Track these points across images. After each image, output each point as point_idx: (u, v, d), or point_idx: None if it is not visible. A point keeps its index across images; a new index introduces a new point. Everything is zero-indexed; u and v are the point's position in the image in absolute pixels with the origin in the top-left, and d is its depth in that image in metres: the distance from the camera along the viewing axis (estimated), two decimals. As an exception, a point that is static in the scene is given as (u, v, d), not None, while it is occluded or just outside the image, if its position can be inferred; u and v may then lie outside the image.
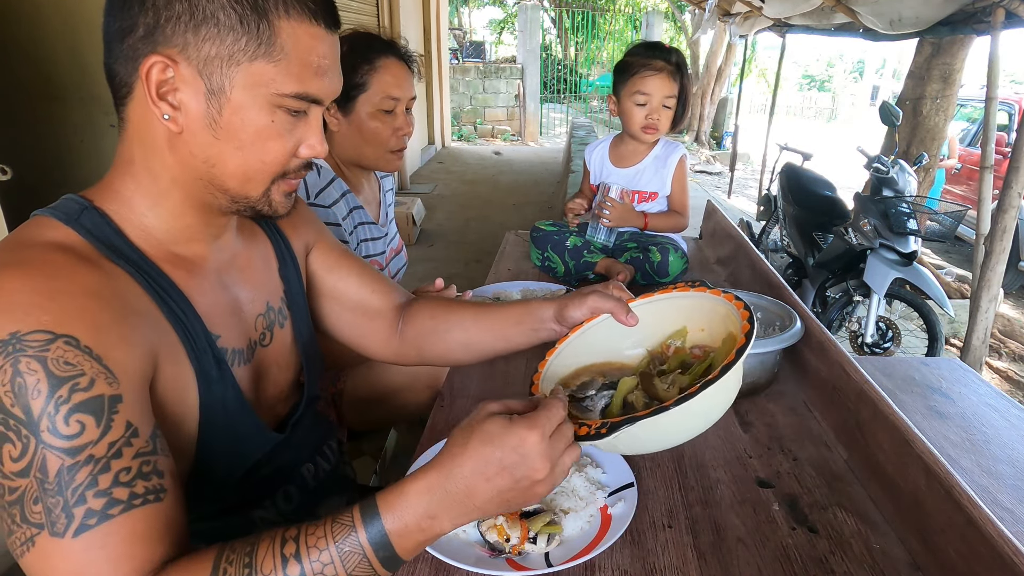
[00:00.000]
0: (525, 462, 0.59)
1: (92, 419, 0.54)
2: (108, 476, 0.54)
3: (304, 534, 0.57)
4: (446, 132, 10.03)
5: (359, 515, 0.57)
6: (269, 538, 0.57)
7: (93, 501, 0.53)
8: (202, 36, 0.61)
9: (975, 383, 1.31)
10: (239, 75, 0.62)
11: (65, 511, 0.52)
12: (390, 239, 1.59)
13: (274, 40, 0.63)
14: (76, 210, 0.65)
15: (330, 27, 0.68)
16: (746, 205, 7.60)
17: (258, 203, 0.70)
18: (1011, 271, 4.89)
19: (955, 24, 3.42)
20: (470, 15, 19.66)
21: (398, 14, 6.75)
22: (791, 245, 3.89)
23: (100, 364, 0.55)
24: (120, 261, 0.64)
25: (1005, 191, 2.87)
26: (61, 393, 0.53)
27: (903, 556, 0.78)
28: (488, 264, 1.97)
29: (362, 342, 0.98)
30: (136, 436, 0.56)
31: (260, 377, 0.81)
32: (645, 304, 0.88)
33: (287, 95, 0.65)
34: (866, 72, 25.54)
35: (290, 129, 0.67)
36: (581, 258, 1.71)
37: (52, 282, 0.56)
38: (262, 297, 0.82)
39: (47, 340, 0.53)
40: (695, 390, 0.64)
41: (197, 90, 0.62)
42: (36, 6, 3.35)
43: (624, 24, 15.09)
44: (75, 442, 0.53)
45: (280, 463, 0.83)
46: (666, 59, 1.67)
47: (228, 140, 0.65)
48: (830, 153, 9.35)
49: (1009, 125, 6.10)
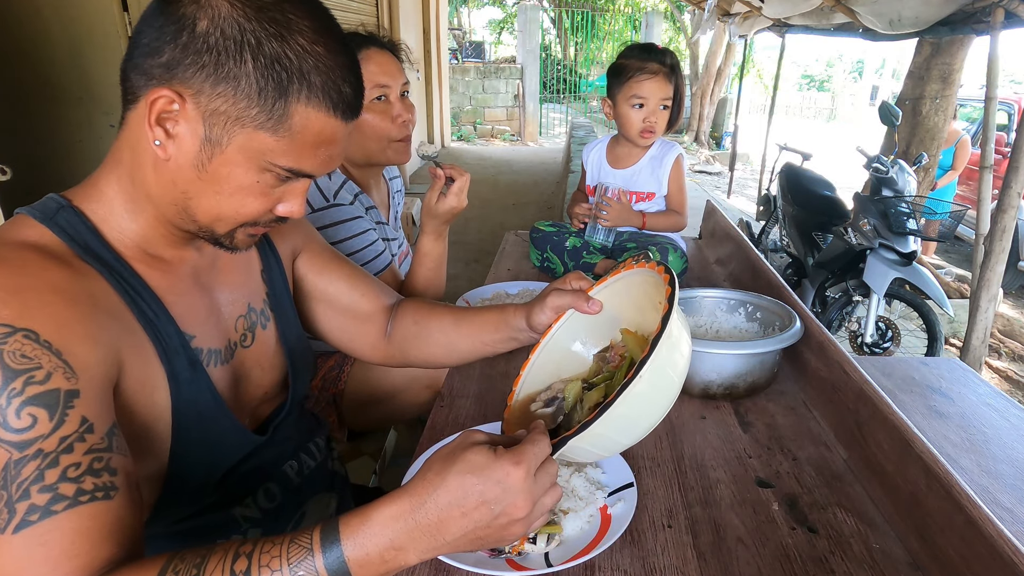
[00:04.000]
0: (506, 498, 0.56)
1: (45, 412, 0.53)
2: (55, 471, 0.52)
3: (259, 551, 0.54)
4: (446, 132, 10.02)
5: (318, 538, 0.54)
6: (222, 551, 0.54)
7: (37, 496, 0.51)
8: (218, 91, 0.61)
9: (975, 383, 1.31)
10: (239, 136, 0.63)
11: (8, 506, 0.51)
12: (399, 243, 1.60)
13: (284, 120, 0.63)
14: (53, 209, 0.66)
15: (347, 119, 0.68)
16: (746, 205, 7.60)
17: (221, 238, 0.71)
18: (1011, 271, 4.90)
19: (955, 24, 3.43)
20: (470, 15, 19.67)
21: (398, 14, 6.74)
22: (791, 245, 3.89)
23: (59, 359, 0.55)
24: (92, 261, 0.64)
25: (1004, 191, 2.87)
26: (15, 386, 0.52)
27: (903, 556, 0.78)
28: (488, 264, 1.96)
29: (352, 345, 0.99)
30: (91, 432, 0.55)
31: (240, 378, 0.81)
32: (604, 288, 0.84)
33: (279, 167, 0.65)
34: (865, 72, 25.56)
35: (273, 190, 0.68)
36: (580, 259, 1.71)
37: (19, 279, 0.57)
38: (243, 299, 0.82)
39: (5, 333, 0.53)
40: (609, 401, 0.63)
41: (195, 132, 0.63)
42: (36, 8, 3.35)
43: (623, 24, 15.10)
44: (25, 435, 0.52)
45: (260, 461, 0.83)
46: (661, 61, 1.67)
47: (210, 184, 0.65)
48: (830, 153, 9.34)
49: (1008, 125, 6.11)
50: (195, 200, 0.66)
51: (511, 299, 1.54)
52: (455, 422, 1.05)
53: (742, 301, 1.32)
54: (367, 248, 1.33)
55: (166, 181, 0.66)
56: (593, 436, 0.64)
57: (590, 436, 0.64)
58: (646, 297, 0.79)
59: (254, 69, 0.60)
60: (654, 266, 0.77)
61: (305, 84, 0.62)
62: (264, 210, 0.68)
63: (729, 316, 1.32)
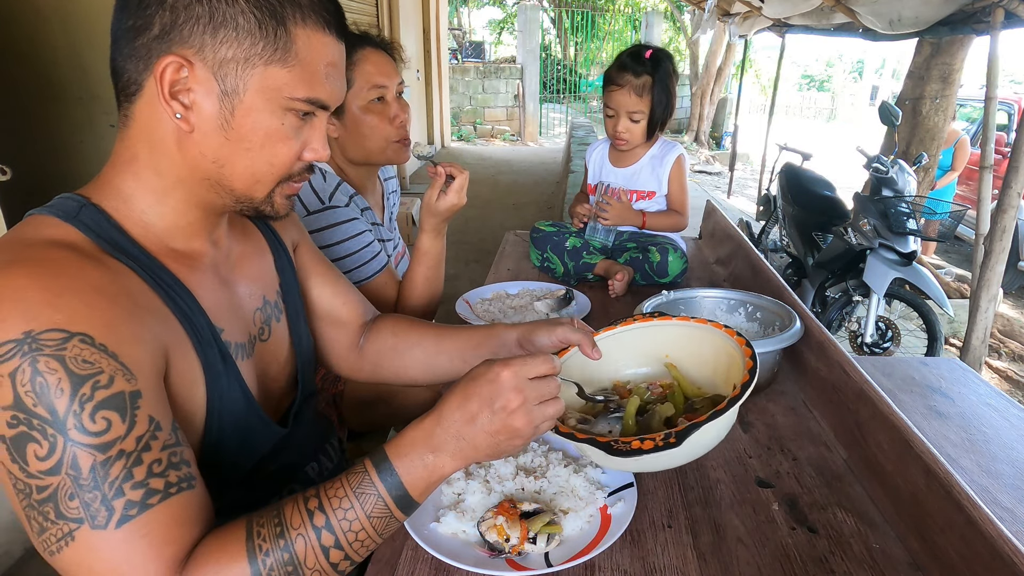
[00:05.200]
0: (498, 393, 0.63)
1: (117, 415, 0.55)
2: (142, 468, 0.55)
3: (323, 490, 0.62)
4: (446, 132, 10.02)
5: (370, 461, 0.63)
6: (291, 501, 0.61)
7: (132, 493, 0.54)
8: (220, 39, 0.61)
9: (975, 383, 1.31)
10: (254, 78, 0.63)
11: (105, 504, 0.53)
12: (394, 244, 1.60)
13: (290, 47, 0.64)
14: (74, 208, 0.64)
15: (339, 37, 0.70)
16: (746, 205, 7.60)
17: (262, 204, 0.71)
18: (1010, 271, 4.89)
19: (955, 24, 3.43)
20: (470, 15, 19.66)
21: (398, 14, 6.75)
22: (791, 245, 3.89)
23: (116, 361, 0.56)
24: (123, 257, 0.64)
25: (1004, 191, 2.87)
26: (84, 391, 0.53)
27: (903, 556, 0.78)
28: (488, 264, 1.97)
29: (322, 350, 0.98)
30: (160, 429, 0.58)
31: (262, 372, 0.81)
32: (610, 336, 0.95)
33: (298, 99, 0.66)
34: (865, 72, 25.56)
35: (297, 133, 0.68)
36: (580, 259, 1.71)
37: (59, 279, 0.56)
38: (259, 291, 0.82)
39: (62, 339, 0.54)
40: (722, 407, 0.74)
41: (210, 91, 0.63)
42: (36, 7, 3.35)
43: (623, 24, 15.10)
44: (104, 438, 0.54)
45: (285, 461, 0.83)
46: (635, 73, 1.67)
47: (239, 141, 0.65)
48: (830, 153, 9.34)
49: (1008, 125, 6.11)
50: (228, 167, 0.67)
51: (511, 299, 1.54)
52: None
53: (742, 301, 1.32)
54: (364, 249, 1.33)
55: (195, 155, 0.66)
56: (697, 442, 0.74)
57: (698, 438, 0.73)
58: (654, 345, 0.96)
59: (247, 4, 0.61)
60: (702, 322, 0.93)
61: (296, 6, 0.64)
62: (294, 156, 0.69)
63: (729, 316, 1.32)
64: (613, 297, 1.61)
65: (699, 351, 0.93)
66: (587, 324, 0.92)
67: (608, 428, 0.87)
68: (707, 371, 0.92)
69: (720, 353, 0.89)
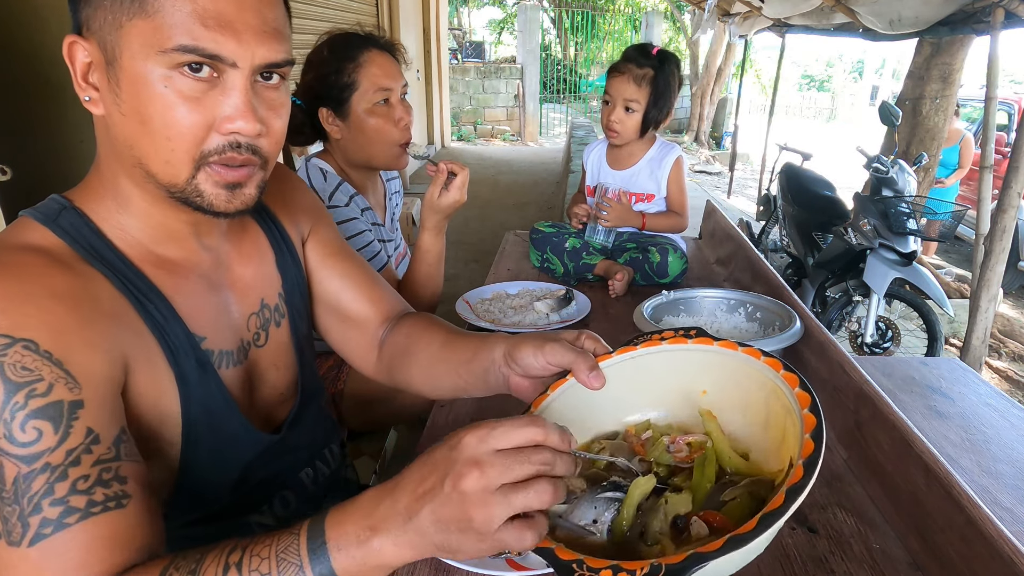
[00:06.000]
0: (453, 460, 0.49)
1: (50, 425, 0.52)
2: (65, 484, 0.52)
3: (251, 546, 0.53)
4: (446, 132, 10.02)
5: (307, 525, 0.53)
6: (219, 549, 0.54)
7: (49, 510, 0.51)
8: (94, 5, 0.59)
9: (975, 383, 1.31)
10: (123, 39, 0.58)
11: (21, 520, 0.51)
12: (395, 245, 1.60)
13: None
14: (55, 211, 0.64)
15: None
16: (746, 205, 7.60)
17: (189, 194, 0.63)
18: (1011, 271, 4.89)
19: (955, 24, 3.43)
20: (470, 15, 19.66)
21: (398, 14, 6.75)
22: (791, 245, 3.89)
23: (60, 368, 0.54)
24: (97, 263, 0.63)
25: (1004, 191, 2.87)
26: (18, 399, 0.52)
27: (903, 556, 0.78)
28: (488, 264, 1.96)
29: (343, 350, 0.93)
30: (97, 443, 0.55)
31: (254, 379, 0.79)
32: (626, 360, 0.68)
33: (171, 50, 0.57)
34: (865, 72, 25.55)
35: (194, 97, 0.59)
36: (580, 260, 1.71)
37: (19, 285, 0.55)
38: (256, 295, 0.79)
39: (5, 344, 0.52)
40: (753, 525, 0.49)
41: (100, 64, 0.60)
42: (35, 7, 3.35)
43: (624, 24, 15.10)
44: (32, 449, 0.51)
45: (276, 468, 0.82)
46: (638, 64, 1.69)
47: (132, 115, 0.60)
48: (830, 153, 9.34)
49: (1008, 125, 6.11)
50: (137, 148, 0.61)
51: (511, 299, 1.54)
52: (455, 422, 1.05)
53: (742, 301, 1.32)
54: (363, 249, 1.33)
55: (117, 143, 0.62)
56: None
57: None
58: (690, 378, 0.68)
59: None
60: (755, 354, 0.63)
61: None
62: (194, 126, 0.60)
63: (729, 316, 1.32)
64: (613, 297, 1.61)
65: (745, 394, 0.64)
66: (599, 337, 0.71)
67: (594, 516, 0.60)
68: (756, 423, 0.63)
69: (773, 399, 0.61)
